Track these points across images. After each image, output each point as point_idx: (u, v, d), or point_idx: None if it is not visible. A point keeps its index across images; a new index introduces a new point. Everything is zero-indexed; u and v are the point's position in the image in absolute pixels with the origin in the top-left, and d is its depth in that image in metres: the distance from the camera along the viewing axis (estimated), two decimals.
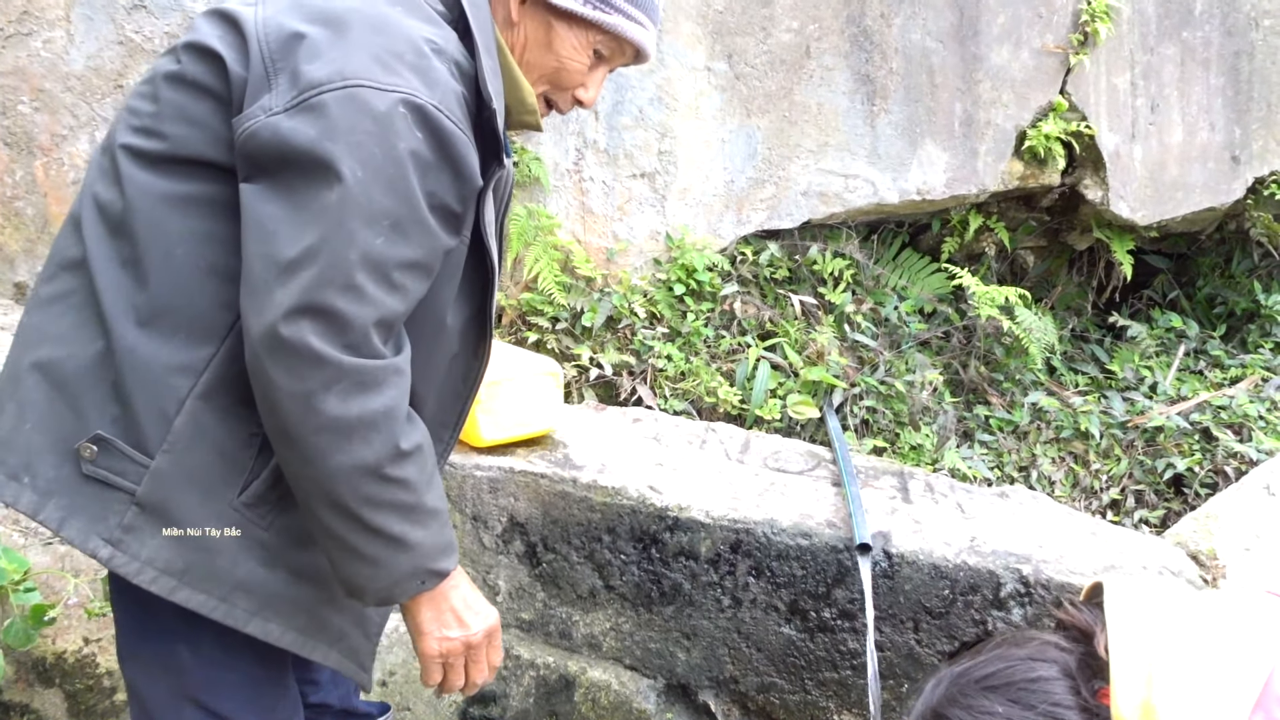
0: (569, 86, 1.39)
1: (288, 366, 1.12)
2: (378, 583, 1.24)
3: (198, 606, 1.22)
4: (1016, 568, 1.86)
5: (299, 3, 1.22)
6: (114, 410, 1.21)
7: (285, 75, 1.15)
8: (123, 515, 1.21)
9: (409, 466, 1.21)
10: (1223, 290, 3.66)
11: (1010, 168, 3.13)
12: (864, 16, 2.98)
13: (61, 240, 1.31)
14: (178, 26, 2.56)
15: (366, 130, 1.12)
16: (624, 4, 1.33)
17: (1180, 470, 2.82)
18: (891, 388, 2.92)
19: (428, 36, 1.21)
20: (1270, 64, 3.30)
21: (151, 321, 1.21)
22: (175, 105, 1.22)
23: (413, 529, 1.23)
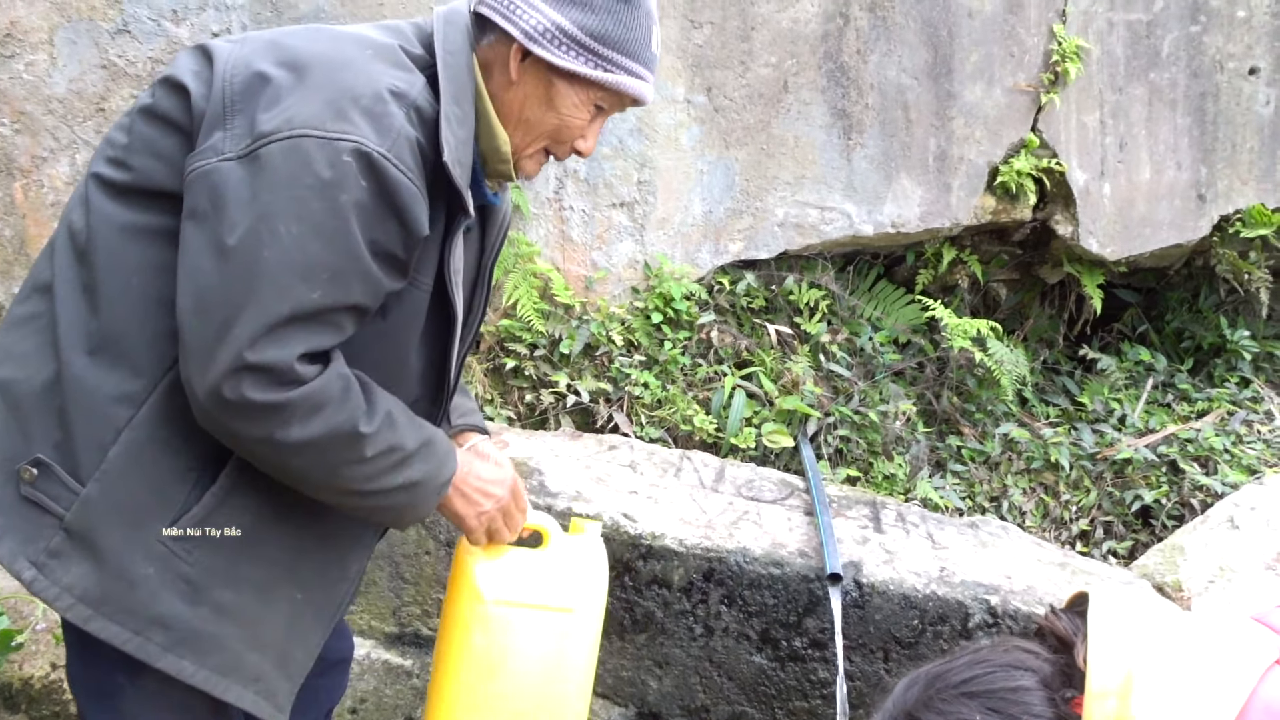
0: (568, 140, 1.40)
1: (241, 419, 1.17)
2: (407, 516, 1.37)
3: (110, 638, 1.22)
4: (985, 598, 1.89)
5: (276, 44, 1.24)
6: (57, 435, 1.23)
7: (242, 118, 1.17)
8: (50, 540, 1.22)
9: (383, 437, 1.27)
10: (1190, 325, 3.72)
11: (983, 202, 3.19)
12: (840, 53, 3.04)
13: (39, 263, 1.33)
14: (162, 52, 2.58)
15: (307, 185, 1.14)
16: (625, 60, 1.34)
17: (1148, 502, 2.86)
18: (865, 417, 2.95)
19: (390, 83, 1.22)
20: (1234, 105, 3.38)
21: (100, 349, 1.23)
22: (145, 138, 1.25)
23: (413, 471, 1.31)
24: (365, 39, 1.28)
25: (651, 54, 1.37)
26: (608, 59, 1.32)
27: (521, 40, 1.30)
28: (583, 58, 1.31)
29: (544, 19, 1.29)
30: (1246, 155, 3.41)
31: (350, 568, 1.44)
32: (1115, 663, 0.96)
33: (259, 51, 1.22)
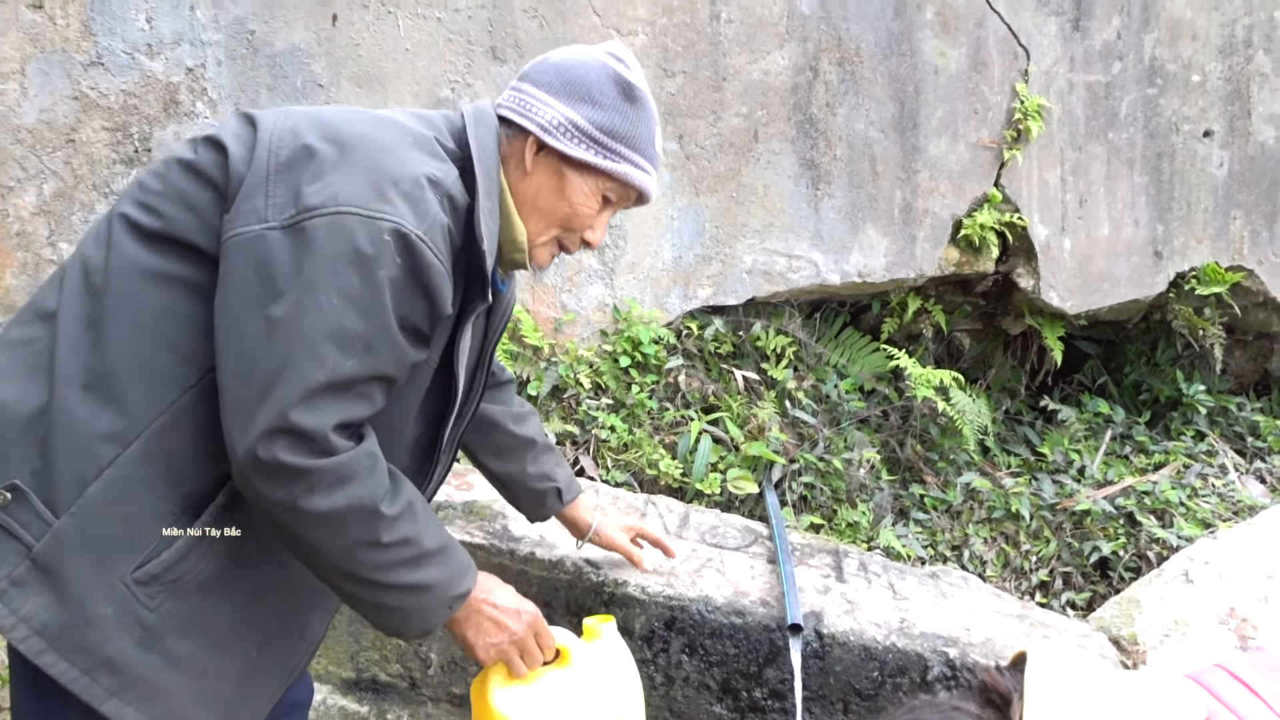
0: (578, 229, 1.47)
1: (270, 481, 1.20)
2: (412, 623, 1.35)
3: (59, 675, 1.21)
4: (944, 650, 1.90)
5: (319, 119, 1.30)
6: (36, 464, 1.23)
7: (285, 187, 1.22)
8: (15, 567, 1.21)
9: (402, 526, 1.30)
10: (1148, 378, 3.80)
11: (947, 254, 3.25)
12: (810, 105, 3.10)
13: (44, 290, 1.35)
14: (135, 85, 2.58)
15: (348, 259, 1.19)
16: (630, 153, 1.43)
17: (1106, 554, 2.90)
18: (830, 464, 2.97)
19: (427, 170, 1.28)
20: (1189, 166, 3.49)
21: (95, 385, 1.24)
22: (179, 189, 1.29)
23: (426, 572, 1.33)
24: (403, 126, 1.34)
25: (654, 152, 1.47)
26: (616, 151, 1.42)
27: (537, 133, 1.40)
28: (593, 149, 1.40)
29: (558, 114, 1.39)
30: (1201, 215, 3.51)
31: (310, 630, 1.45)
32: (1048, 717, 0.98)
33: (304, 125, 1.28)
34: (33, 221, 2.56)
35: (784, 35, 3.05)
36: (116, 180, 2.59)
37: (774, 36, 3.04)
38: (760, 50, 3.04)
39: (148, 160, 2.60)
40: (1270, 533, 2.42)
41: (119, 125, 2.58)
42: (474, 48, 2.82)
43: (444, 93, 2.80)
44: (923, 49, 3.17)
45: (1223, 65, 3.49)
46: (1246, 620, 2.15)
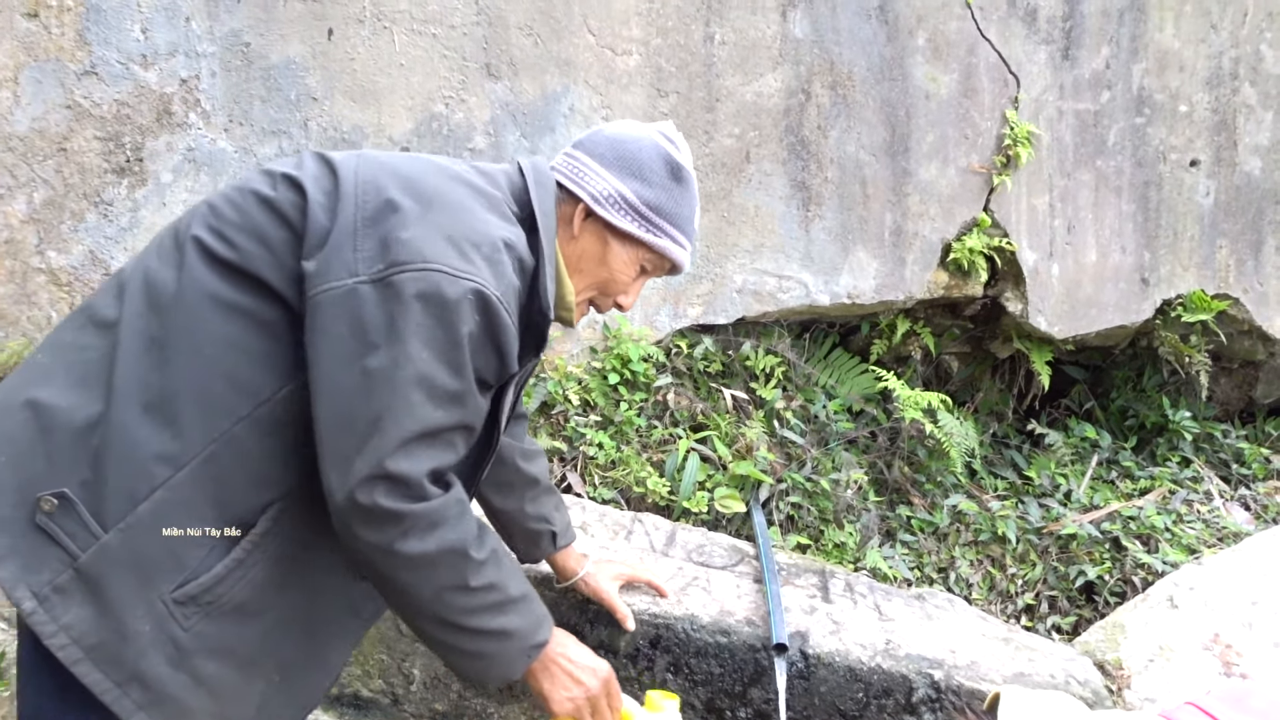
0: (613, 294, 1.58)
1: (368, 525, 1.26)
2: (494, 670, 1.42)
3: (92, 685, 1.24)
4: (929, 673, 1.89)
5: (397, 171, 1.35)
6: (86, 474, 1.25)
7: (372, 241, 1.27)
8: (57, 574, 1.24)
9: (489, 572, 1.38)
10: (1134, 403, 3.82)
11: (936, 277, 3.26)
12: (802, 127, 3.12)
13: (101, 299, 1.38)
14: (128, 95, 2.58)
15: (436, 316, 1.25)
16: (671, 229, 1.54)
17: (1091, 578, 2.90)
18: (817, 485, 2.97)
19: (504, 234, 1.35)
20: (1176, 194, 3.52)
21: (154, 406, 1.27)
22: (255, 223, 1.33)
23: (509, 619, 1.41)
24: (474, 185, 1.40)
25: (693, 229, 1.58)
26: (658, 226, 1.52)
27: (588, 202, 1.50)
28: (637, 222, 1.50)
29: (609, 186, 1.49)
30: (1187, 243, 3.54)
31: (331, 659, 1.48)
32: None
33: (384, 177, 1.34)
34: (22, 230, 2.55)
35: (777, 58, 3.08)
36: (107, 190, 2.59)
37: (767, 59, 3.07)
38: (753, 72, 3.06)
39: (139, 170, 2.60)
40: (1254, 559, 2.43)
41: (111, 135, 2.58)
42: (469, 64, 2.84)
43: (438, 108, 2.81)
44: (914, 74, 3.20)
45: (1210, 96, 3.53)
46: (1231, 646, 2.16)
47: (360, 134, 2.75)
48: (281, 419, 1.31)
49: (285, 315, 1.30)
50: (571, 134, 2.93)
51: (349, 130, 2.74)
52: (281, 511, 1.34)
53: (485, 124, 2.85)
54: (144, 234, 2.61)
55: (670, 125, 1.60)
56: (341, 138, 2.73)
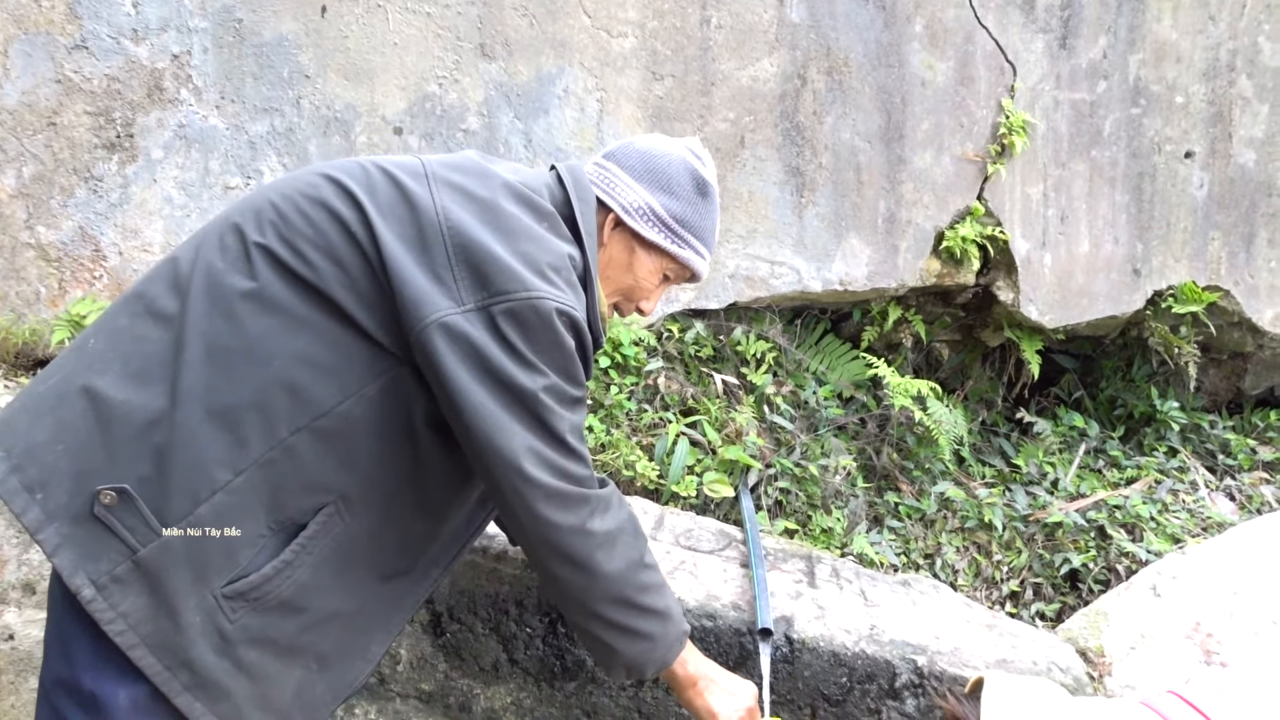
0: (636, 299, 1.68)
1: (563, 509, 1.41)
2: (656, 653, 1.56)
3: (146, 668, 1.30)
4: (912, 658, 1.91)
5: (466, 194, 1.42)
6: (146, 470, 1.30)
7: (467, 269, 1.36)
8: (116, 565, 1.29)
9: (650, 552, 1.57)
10: (1123, 393, 3.83)
11: (928, 265, 3.27)
12: (797, 113, 3.11)
13: (155, 287, 1.40)
14: (119, 70, 2.56)
15: (550, 338, 1.38)
16: (695, 241, 1.64)
17: (1076, 566, 2.92)
18: (806, 470, 2.98)
19: (568, 252, 1.45)
20: (1170, 186, 3.52)
21: (220, 414, 1.32)
22: (330, 242, 1.37)
23: (669, 600, 1.58)
24: (536, 207, 1.47)
25: (714, 240, 1.69)
26: (683, 238, 1.62)
27: (619, 212, 1.59)
28: (664, 234, 1.60)
29: (639, 198, 1.59)
30: (1180, 235, 3.54)
31: (371, 650, 1.53)
32: None
33: (457, 201, 1.41)
34: (11, 204, 2.54)
35: (773, 43, 3.07)
36: (98, 165, 2.57)
37: (763, 44, 3.06)
38: (749, 57, 3.05)
39: (130, 146, 2.58)
40: (1237, 549, 2.45)
41: (102, 110, 2.56)
42: (463, 44, 2.82)
43: (432, 88, 2.80)
44: (911, 61, 3.19)
45: (1206, 88, 3.53)
46: (1212, 635, 2.18)
47: (353, 113, 2.74)
48: (339, 430, 1.36)
49: (351, 331, 1.36)
50: (566, 116, 2.92)
51: (342, 109, 2.73)
52: (331, 516, 1.39)
53: (479, 105, 2.84)
54: (134, 210, 2.60)
55: (697, 141, 1.69)
56: (334, 116, 2.72)
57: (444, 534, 1.56)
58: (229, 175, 2.66)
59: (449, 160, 1.50)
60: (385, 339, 1.37)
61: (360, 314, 1.36)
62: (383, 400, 1.38)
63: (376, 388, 1.37)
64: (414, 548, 1.52)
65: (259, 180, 2.69)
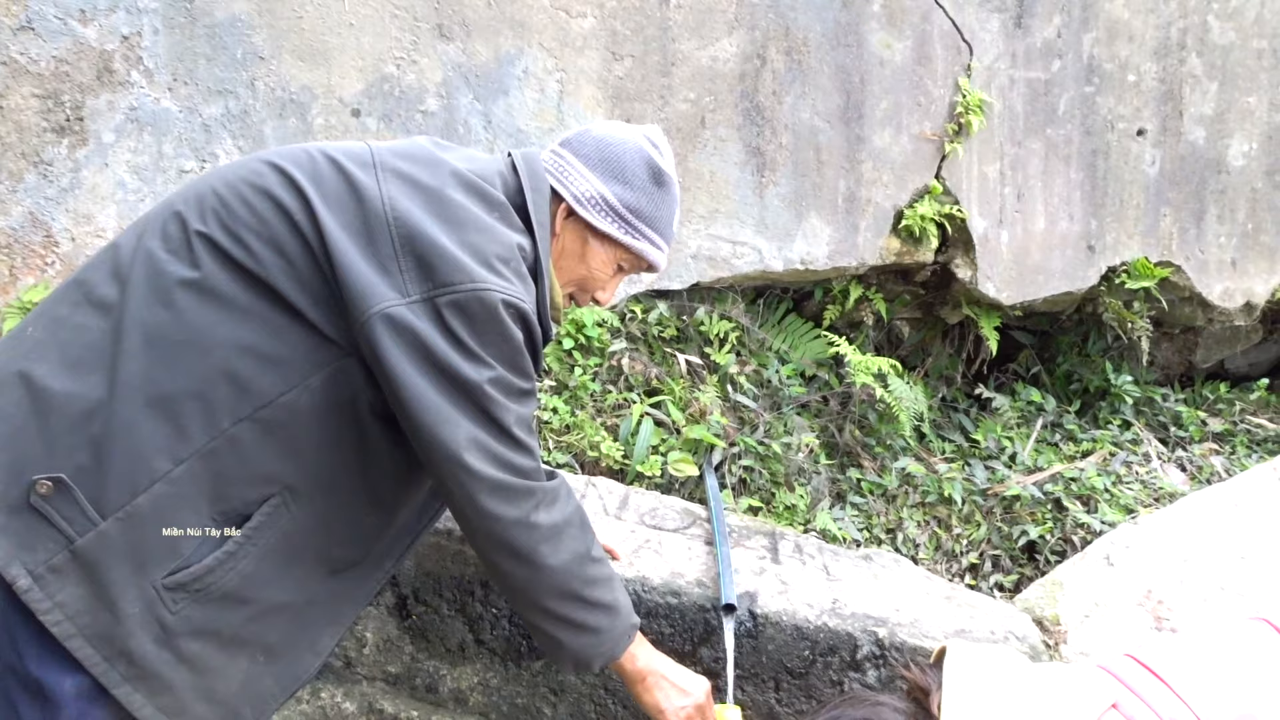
0: (591, 290, 1.66)
1: (507, 502, 1.40)
2: (603, 646, 1.55)
3: (84, 659, 1.29)
4: (874, 630, 1.94)
5: (414, 183, 1.39)
6: (84, 460, 1.28)
7: (412, 260, 1.34)
8: (52, 555, 1.27)
9: (598, 546, 1.56)
10: (1079, 368, 3.91)
11: (888, 244, 3.30)
12: (757, 93, 3.12)
13: (96, 273, 1.37)
14: (67, 51, 2.50)
15: (496, 330, 1.37)
16: (650, 232, 1.62)
17: (1033, 538, 2.99)
18: (769, 448, 3.01)
19: (519, 243, 1.44)
20: (1123, 163, 3.59)
21: (159, 403, 1.30)
22: (270, 229, 1.35)
23: (617, 594, 1.57)
24: (486, 197, 1.45)
25: (671, 232, 1.67)
26: (637, 229, 1.59)
27: (570, 202, 1.57)
28: (617, 224, 1.58)
29: (591, 188, 1.56)
30: (1133, 211, 3.61)
31: (321, 642, 1.52)
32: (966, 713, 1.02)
33: (405, 192, 1.38)
34: None
35: (733, 22, 3.07)
36: (47, 149, 2.52)
37: (723, 23, 3.06)
38: (709, 37, 3.05)
39: (80, 129, 2.54)
40: (1188, 519, 2.52)
41: (50, 93, 2.51)
42: (420, 24, 2.79)
43: (389, 69, 2.77)
44: (869, 41, 3.21)
45: (1157, 66, 3.59)
46: (1163, 602, 2.24)
47: (309, 95, 2.70)
48: (283, 420, 1.35)
49: (294, 321, 1.34)
50: (526, 98, 2.90)
51: (298, 91, 2.69)
52: (277, 507, 1.37)
53: (437, 85, 2.82)
54: (86, 195, 2.55)
55: (657, 130, 1.66)
56: (290, 99, 2.69)
57: (395, 525, 1.55)
58: (183, 159, 2.62)
59: (398, 148, 1.48)
60: (329, 329, 1.35)
61: (303, 304, 1.34)
62: (327, 391, 1.36)
63: (321, 378, 1.36)
64: (364, 539, 1.51)
65: (214, 164, 2.65)
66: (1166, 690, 1.07)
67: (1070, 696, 1.06)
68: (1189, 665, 1.11)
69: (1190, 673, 1.10)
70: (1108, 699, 1.04)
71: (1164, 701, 1.05)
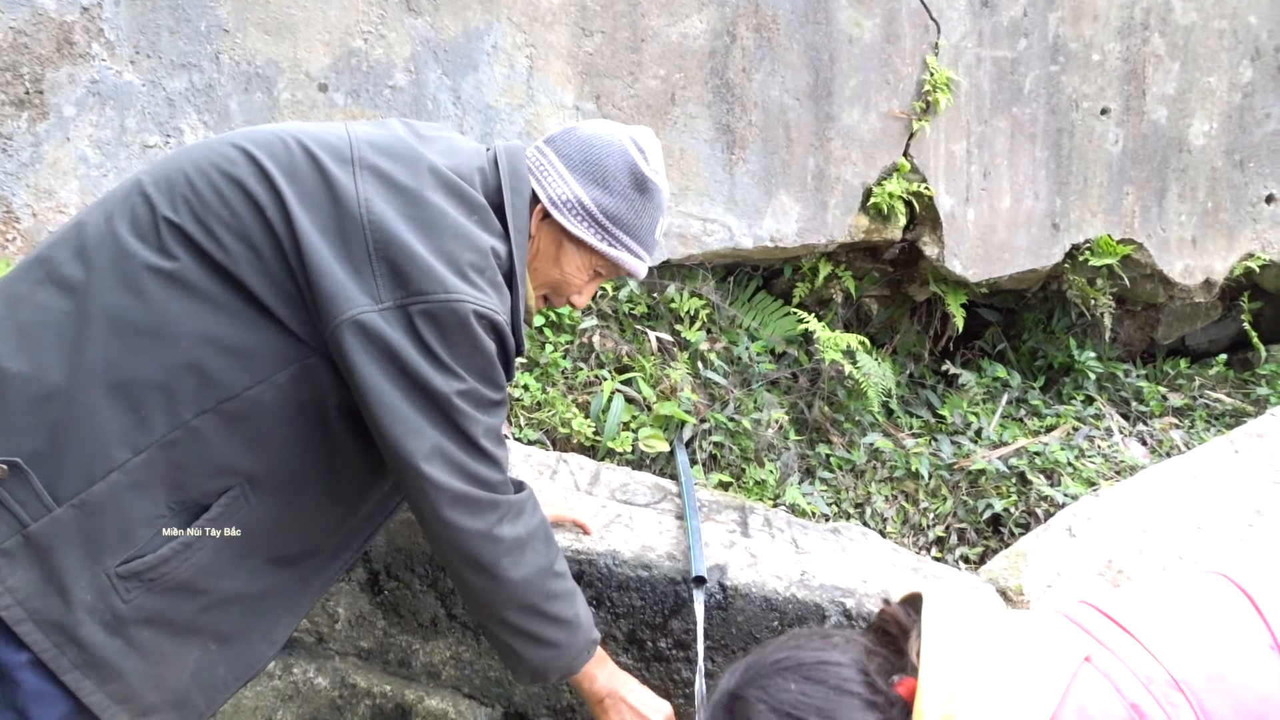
0: (566, 294, 1.62)
1: (471, 513, 1.39)
2: (560, 661, 1.54)
3: (33, 644, 1.28)
4: (841, 601, 1.98)
5: (391, 183, 1.36)
6: (40, 445, 1.26)
7: (386, 266, 1.32)
8: (5, 539, 1.26)
9: (561, 560, 1.55)
10: (1044, 345, 3.97)
11: (857, 221, 3.33)
12: (727, 70, 3.13)
13: (61, 251, 1.34)
14: (25, 22, 2.45)
15: (468, 342, 1.36)
16: (628, 240, 1.56)
17: (998, 511, 3.04)
18: (739, 424, 3.04)
19: (493, 247, 1.40)
20: (1087, 142, 3.63)
21: (120, 389, 1.28)
22: (241, 223, 1.32)
23: (578, 609, 1.56)
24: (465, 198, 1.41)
25: (654, 240, 1.61)
26: (614, 236, 1.54)
27: (546, 204, 1.52)
28: (593, 230, 1.53)
29: (568, 191, 1.51)
30: (1096, 189, 3.66)
31: (276, 632, 1.51)
32: (945, 664, 1.02)
33: (382, 194, 1.35)
34: None
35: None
36: (6, 123, 2.47)
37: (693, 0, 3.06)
38: (679, 13, 3.05)
39: (40, 103, 2.49)
40: (1148, 491, 2.57)
41: (8, 65, 2.46)
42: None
43: (357, 43, 2.74)
44: (838, 18, 3.22)
45: (1121, 45, 3.63)
46: (1122, 571, 2.29)
47: (276, 69, 2.67)
48: (247, 414, 1.33)
49: (262, 316, 1.32)
50: (495, 73, 2.88)
51: (263, 64, 2.66)
52: (236, 499, 1.36)
53: (406, 60, 2.79)
54: (47, 170, 2.51)
55: (645, 132, 1.60)
56: (256, 73, 2.65)
57: (355, 519, 1.55)
58: (147, 133, 2.58)
59: (377, 139, 1.43)
60: (298, 327, 1.34)
61: (272, 300, 1.32)
62: (293, 387, 1.35)
63: (287, 375, 1.34)
64: (324, 532, 1.50)
65: (179, 139, 2.61)
66: (1134, 643, 1.06)
67: (1044, 650, 1.06)
68: (1152, 618, 1.11)
69: (1154, 626, 1.09)
70: (1080, 652, 1.04)
71: (1134, 655, 1.04)
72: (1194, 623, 1.10)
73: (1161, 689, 1.00)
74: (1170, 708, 0.99)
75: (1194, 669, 1.03)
